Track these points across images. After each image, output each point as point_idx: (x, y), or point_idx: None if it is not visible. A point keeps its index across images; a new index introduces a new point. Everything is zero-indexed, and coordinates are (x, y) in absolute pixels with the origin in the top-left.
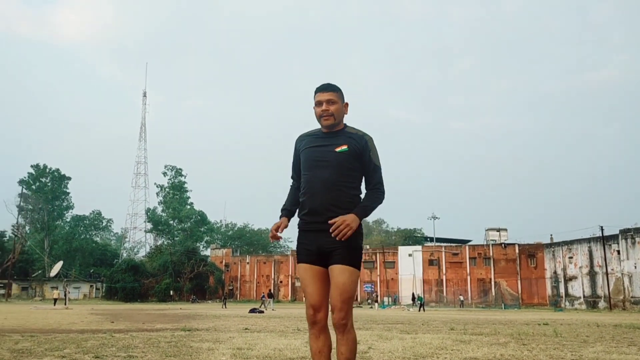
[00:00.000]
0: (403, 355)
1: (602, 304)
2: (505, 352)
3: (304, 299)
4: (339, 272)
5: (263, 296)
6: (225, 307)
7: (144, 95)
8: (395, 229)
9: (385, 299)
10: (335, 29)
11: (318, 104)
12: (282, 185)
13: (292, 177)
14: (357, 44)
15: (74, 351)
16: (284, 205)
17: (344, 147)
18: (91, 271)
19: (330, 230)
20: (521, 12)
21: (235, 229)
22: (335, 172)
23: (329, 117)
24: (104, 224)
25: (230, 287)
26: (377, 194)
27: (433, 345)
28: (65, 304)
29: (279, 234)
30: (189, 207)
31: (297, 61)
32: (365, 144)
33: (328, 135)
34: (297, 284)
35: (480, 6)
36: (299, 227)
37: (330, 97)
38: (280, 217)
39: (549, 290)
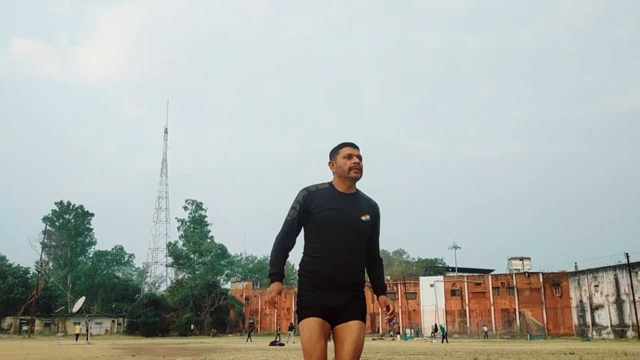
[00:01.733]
0: None
1: (630, 333)
2: None
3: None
4: (357, 328)
5: (279, 329)
6: (251, 341)
7: (165, 131)
8: (416, 259)
9: (407, 330)
10: (352, 61)
11: (349, 156)
12: None
13: (281, 235)
14: (374, 76)
15: None
16: (276, 269)
17: (368, 217)
18: (113, 306)
19: (389, 317)
20: (535, 40)
21: (255, 261)
22: (360, 240)
23: (358, 171)
24: (125, 259)
25: (251, 321)
26: (382, 268)
27: None
28: (87, 339)
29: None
30: (209, 240)
31: (315, 94)
32: (378, 213)
33: (346, 197)
34: None
35: (494, 35)
36: (308, 285)
37: (359, 154)
38: (274, 281)
39: (575, 320)
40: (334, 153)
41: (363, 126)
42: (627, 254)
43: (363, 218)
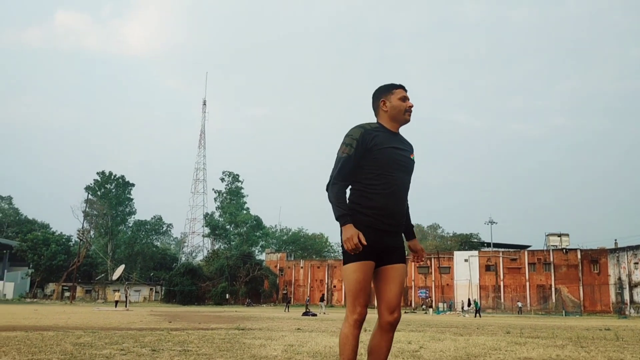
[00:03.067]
0: (455, 354)
1: None
2: (561, 353)
3: (346, 297)
4: (403, 271)
5: (308, 299)
6: (288, 311)
7: (204, 103)
8: (451, 234)
9: (440, 304)
10: (394, 36)
11: (404, 98)
12: None
13: (338, 175)
14: (415, 50)
15: (132, 345)
16: (344, 208)
17: (413, 157)
18: (151, 275)
19: (419, 258)
20: (581, 11)
21: (290, 233)
22: (409, 179)
23: (410, 114)
24: (164, 229)
25: (285, 292)
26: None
27: (487, 346)
28: (125, 306)
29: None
30: (245, 212)
31: (355, 69)
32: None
33: (397, 136)
34: None
35: (540, 7)
36: (364, 224)
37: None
38: (346, 223)
39: (612, 297)
40: (385, 92)
41: None
42: None
43: (412, 157)
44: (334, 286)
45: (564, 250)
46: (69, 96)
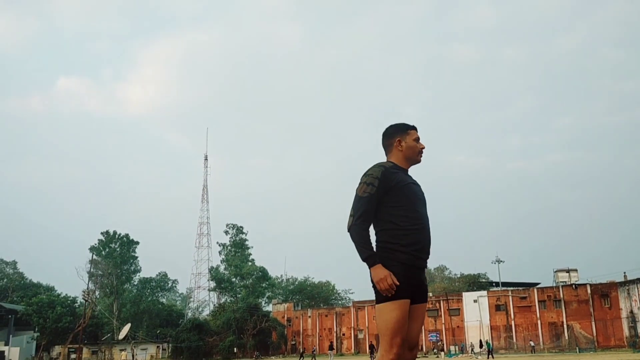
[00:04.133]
0: None
1: None
2: None
3: (392, 339)
4: (425, 310)
5: (314, 350)
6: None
7: (205, 158)
8: (459, 275)
9: (452, 347)
10: (388, 80)
11: (417, 139)
12: (339, 237)
13: (361, 215)
14: (410, 94)
15: None
16: (370, 249)
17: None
18: (158, 332)
19: None
20: (574, 47)
21: (296, 283)
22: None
23: (422, 155)
24: (169, 285)
25: (293, 342)
26: None
27: None
28: None
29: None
30: (250, 263)
31: (353, 114)
32: None
33: (409, 175)
34: (360, 335)
35: (530, 46)
36: (403, 262)
37: None
38: (375, 264)
39: (626, 331)
40: (401, 132)
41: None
42: None
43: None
44: (343, 334)
45: (574, 286)
46: (72, 158)
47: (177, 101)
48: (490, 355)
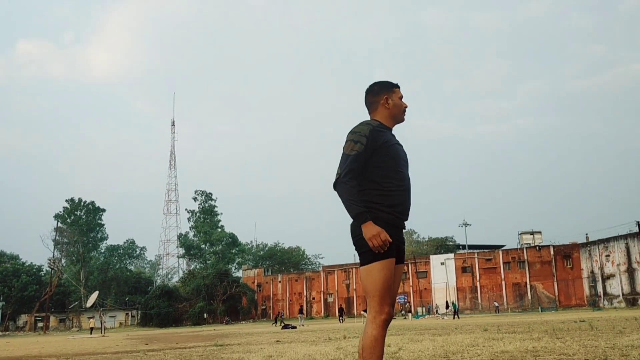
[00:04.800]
0: (434, 353)
1: None
2: (537, 345)
3: (377, 296)
4: (402, 272)
5: (278, 313)
6: (276, 325)
7: (172, 124)
8: (427, 239)
9: (419, 309)
10: (358, 46)
11: (401, 98)
12: (309, 202)
13: (348, 173)
14: (381, 59)
15: None
16: (360, 206)
17: None
18: (126, 299)
19: None
20: (542, 12)
21: (266, 249)
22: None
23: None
24: (137, 253)
25: (264, 307)
26: None
27: (464, 343)
28: (101, 333)
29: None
30: (219, 230)
31: (323, 80)
32: None
33: (393, 134)
34: (330, 299)
35: (500, 10)
36: (384, 221)
37: None
38: (366, 220)
39: (586, 291)
40: (387, 89)
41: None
42: (638, 222)
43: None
44: (313, 298)
45: (537, 248)
46: (34, 124)
47: (143, 66)
48: (455, 316)
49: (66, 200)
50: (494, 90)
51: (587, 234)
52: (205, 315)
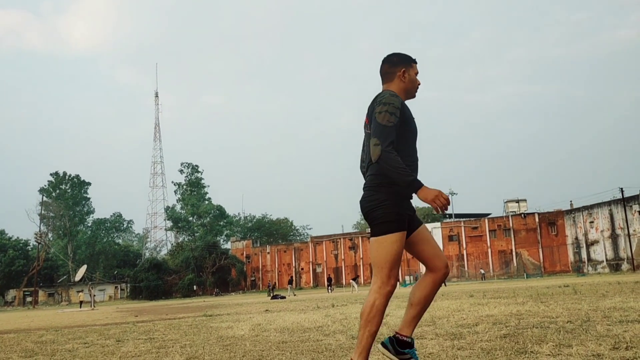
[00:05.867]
0: None
1: (625, 265)
2: (522, 309)
3: (384, 269)
4: (426, 229)
5: (269, 284)
6: (273, 295)
7: (156, 95)
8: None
9: (407, 277)
10: (342, 14)
11: (417, 74)
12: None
13: (390, 143)
14: (364, 26)
15: (96, 338)
16: (410, 173)
17: None
18: (115, 273)
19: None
20: None
21: (254, 220)
22: None
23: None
24: (125, 226)
25: (253, 278)
26: None
27: (450, 308)
28: (91, 306)
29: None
30: (207, 202)
31: (307, 49)
32: None
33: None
34: (318, 270)
35: None
36: (402, 195)
37: None
38: (421, 184)
39: (571, 257)
40: (406, 62)
41: (356, 79)
42: (621, 189)
43: None
44: (302, 269)
45: (523, 215)
46: (15, 97)
47: (124, 36)
48: (443, 283)
49: (51, 174)
50: (478, 58)
51: (571, 201)
52: (194, 287)
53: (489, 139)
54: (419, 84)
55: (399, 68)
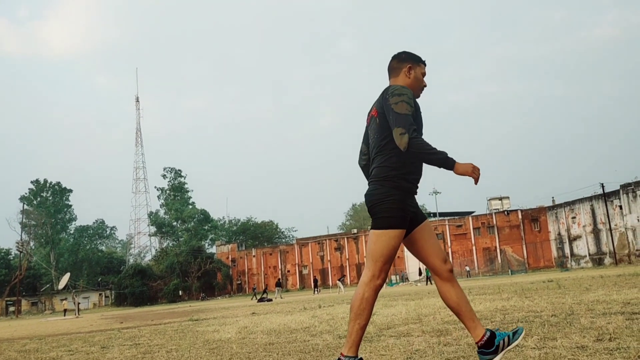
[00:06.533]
0: (406, 316)
1: (607, 260)
2: (507, 304)
3: (382, 265)
4: (430, 226)
5: (254, 288)
6: (257, 299)
7: (137, 100)
8: None
9: (393, 277)
10: (324, 14)
11: (424, 75)
12: (281, 175)
13: (415, 129)
14: (346, 27)
15: (81, 345)
16: (442, 151)
17: None
18: (99, 280)
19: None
20: None
21: (239, 224)
22: None
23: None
24: (108, 232)
25: (239, 282)
26: None
27: (436, 306)
28: (76, 314)
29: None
30: (191, 206)
31: (289, 49)
32: None
33: None
34: (305, 271)
35: None
36: (400, 190)
37: None
38: (454, 160)
39: (554, 252)
40: (415, 61)
41: (342, 81)
42: (602, 184)
43: None
44: (288, 271)
45: (506, 212)
46: None
47: (102, 40)
48: (428, 282)
49: (31, 182)
50: (458, 58)
51: (553, 198)
52: (180, 292)
53: (470, 137)
54: (425, 85)
55: (405, 64)
